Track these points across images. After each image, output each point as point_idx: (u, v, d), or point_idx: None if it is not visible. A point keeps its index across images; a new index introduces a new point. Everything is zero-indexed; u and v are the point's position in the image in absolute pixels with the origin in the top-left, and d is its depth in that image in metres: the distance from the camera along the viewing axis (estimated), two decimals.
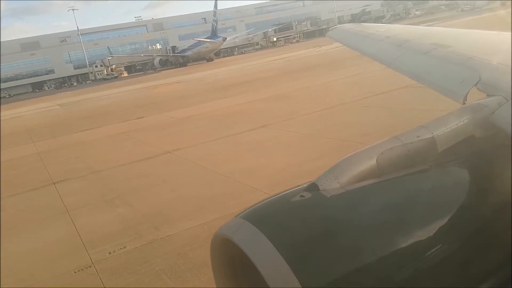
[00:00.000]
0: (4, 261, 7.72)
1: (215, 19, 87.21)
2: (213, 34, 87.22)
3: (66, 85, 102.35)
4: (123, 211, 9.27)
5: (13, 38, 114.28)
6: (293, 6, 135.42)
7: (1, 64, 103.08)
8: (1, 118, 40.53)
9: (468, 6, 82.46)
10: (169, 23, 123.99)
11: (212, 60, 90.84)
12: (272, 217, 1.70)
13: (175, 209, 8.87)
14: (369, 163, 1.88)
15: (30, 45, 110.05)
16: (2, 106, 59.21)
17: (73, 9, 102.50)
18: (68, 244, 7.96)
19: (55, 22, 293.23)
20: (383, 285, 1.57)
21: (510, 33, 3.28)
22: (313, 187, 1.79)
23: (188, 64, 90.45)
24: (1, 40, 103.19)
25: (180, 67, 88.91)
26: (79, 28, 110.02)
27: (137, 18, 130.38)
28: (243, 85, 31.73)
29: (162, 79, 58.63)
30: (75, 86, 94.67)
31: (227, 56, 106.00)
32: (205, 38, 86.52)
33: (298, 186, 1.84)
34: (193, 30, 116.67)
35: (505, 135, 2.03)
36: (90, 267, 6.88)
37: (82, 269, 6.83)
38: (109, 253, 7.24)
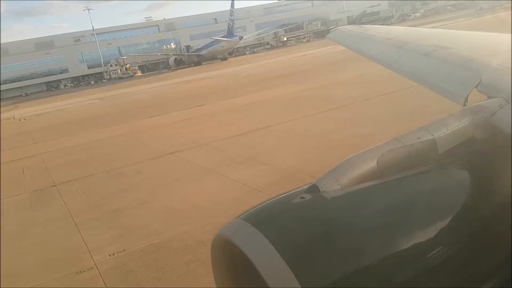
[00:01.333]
0: (190, 201, 9.20)
1: (232, 18, 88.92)
2: (229, 33, 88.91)
3: (82, 84, 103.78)
4: (266, 168, 10.71)
5: (27, 38, 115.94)
6: (302, 6, 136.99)
7: (16, 63, 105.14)
8: (45, 110, 41.96)
9: (486, 4, 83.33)
10: (180, 23, 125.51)
11: (226, 59, 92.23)
12: (272, 219, 1.72)
13: (313, 166, 10.10)
14: (370, 164, 1.91)
15: (45, 45, 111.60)
16: (35, 101, 60.80)
17: (88, 9, 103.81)
18: (242, 189, 9.37)
19: (55, 23, 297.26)
20: (383, 287, 1.59)
21: (510, 34, 3.36)
22: (313, 189, 1.81)
23: (203, 63, 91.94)
24: (16, 40, 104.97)
25: (194, 66, 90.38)
26: (94, 28, 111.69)
27: (147, 19, 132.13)
28: (283, 77, 33.03)
29: (187, 75, 59.88)
30: (93, 84, 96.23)
31: (239, 55, 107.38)
32: (221, 37, 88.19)
33: (299, 187, 1.86)
34: (204, 30, 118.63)
35: (505, 136, 2.05)
36: None
37: None
38: None
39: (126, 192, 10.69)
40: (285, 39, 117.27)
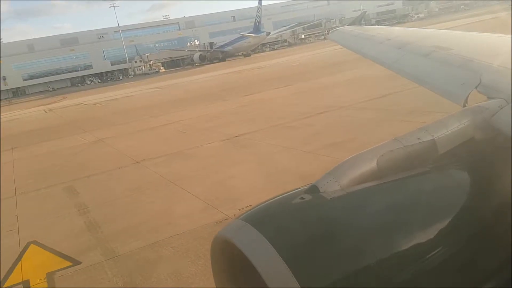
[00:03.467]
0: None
1: (259, 14, 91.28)
2: (256, 29, 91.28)
3: (109, 79, 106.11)
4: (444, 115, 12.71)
5: (53, 34, 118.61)
6: (319, 4, 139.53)
7: (42, 59, 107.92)
8: (111, 97, 43.97)
9: None
10: (200, 21, 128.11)
11: (249, 55, 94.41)
12: (272, 219, 1.75)
13: None
14: (370, 165, 1.94)
15: (69, 41, 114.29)
16: (80, 93, 62.92)
17: (114, 6, 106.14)
18: None
19: (57, 23, 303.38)
20: (383, 287, 1.62)
21: (510, 35, 3.36)
22: (313, 189, 1.84)
23: (227, 59, 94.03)
24: (43, 36, 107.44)
25: (219, 62, 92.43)
26: (116, 26, 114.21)
27: (164, 17, 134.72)
28: (343, 64, 34.25)
29: (226, 68, 61.34)
30: (121, 79, 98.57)
31: (258, 52, 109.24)
32: (248, 33, 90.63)
33: (299, 188, 1.89)
34: (222, 28, 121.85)
35: (505, 137, 2.07)
36: None
37: None
38: None
39: (320, 135, 12.60)
40: (303, 36, 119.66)
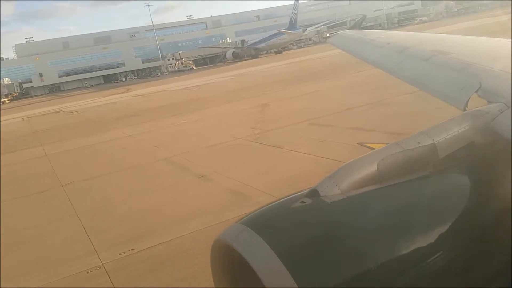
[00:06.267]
0: None
1: (295, 12, 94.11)
2: (292, 26, 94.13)
3: (147, 76, 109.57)
4: None
5: (88, 32, 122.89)
6: (340, 4, 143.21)
7: (77, 56, 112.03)
8: (192, 85, 46.61)
9: None
10: (226, 20, 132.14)
11: (280, 52, 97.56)
12: (272, 223, 1.77)
13: None
14: (370, 169, 1.95)
15: (102, 40, 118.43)
16: (142, 84, 65.98)
17: (148, 6, 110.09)
18: None
19: (61, 26, 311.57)
20: None
21: (510, 39, 3.42)
22: (313, 193, 1.85)
23: (260, 56, 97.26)
24: (76, 34, 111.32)
25: (252, 59, 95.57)
26: (149, 24, 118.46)
27: (188, 17, 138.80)
28: None
29: (271, 62, 63.75)
30: (159, 76, 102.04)
31: (286, 50, 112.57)
32: (284, 29, 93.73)
33: (299, 192, 1.90)
34: (247, 27, 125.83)
35: (505, 141, 2.08)
36: None
37: None
38: None
39: None
40: (327, 35, 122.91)
